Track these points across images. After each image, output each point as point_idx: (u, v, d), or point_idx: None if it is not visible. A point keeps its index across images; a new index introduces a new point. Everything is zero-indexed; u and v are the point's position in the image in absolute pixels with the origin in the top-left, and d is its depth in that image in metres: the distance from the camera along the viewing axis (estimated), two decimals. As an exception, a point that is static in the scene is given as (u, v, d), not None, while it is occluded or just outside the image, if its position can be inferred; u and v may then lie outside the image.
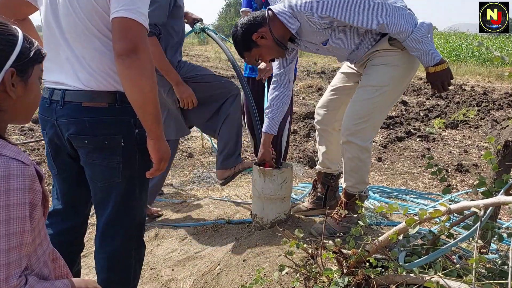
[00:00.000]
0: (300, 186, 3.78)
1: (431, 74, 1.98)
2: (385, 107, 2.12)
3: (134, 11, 1.32)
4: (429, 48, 1.91)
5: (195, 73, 2.69)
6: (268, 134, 2.40)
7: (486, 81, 14.04)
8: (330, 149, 2.50)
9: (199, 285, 2.09)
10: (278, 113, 2.39)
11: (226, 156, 2.71)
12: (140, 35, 1.33)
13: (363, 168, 2.16)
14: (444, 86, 2.00)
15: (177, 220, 2.96)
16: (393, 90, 2.08)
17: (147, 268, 2.44)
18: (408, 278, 1.47)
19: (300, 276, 1.74)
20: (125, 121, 1.51)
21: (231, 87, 2.71)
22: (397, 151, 5.71)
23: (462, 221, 1.63)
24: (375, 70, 2.07)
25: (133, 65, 1.33)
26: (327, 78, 14.27)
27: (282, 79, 2.38)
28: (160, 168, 1.53)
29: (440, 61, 1.94)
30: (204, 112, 2.76)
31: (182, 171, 4.70)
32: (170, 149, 1.54)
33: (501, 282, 1.38)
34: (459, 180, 4.53)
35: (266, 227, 2.32)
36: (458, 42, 21.31)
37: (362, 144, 2.09)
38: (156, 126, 1.44)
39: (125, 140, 1.51)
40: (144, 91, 1.36)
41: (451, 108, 8.61)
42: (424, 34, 1.89)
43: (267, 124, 2.40)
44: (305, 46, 2.22)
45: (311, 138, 6.25)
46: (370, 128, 2.11)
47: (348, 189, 2.22)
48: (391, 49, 2.04)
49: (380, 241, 1.61)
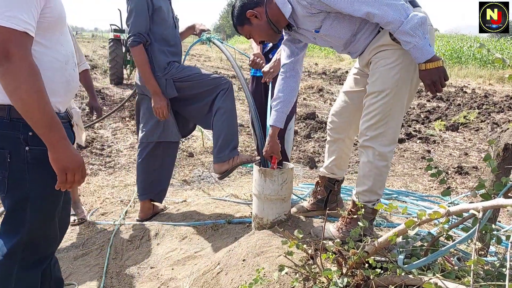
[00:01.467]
0: (300, 186, 3.79)
1: (421, 72, 1.88)
2: (399, 109, 2.03)
3: (0, 15, 1.26)
4: (420, 42, 1.80)
5: (184, 74, 2.76)
6: (275, 127, 2.35)
7: (487, 84, 14.04)
8: (341, 157, 2.44)
9: (199, 284, 2.10)
10: (285, 105, 2.33)
11: (220, 149, 2.73)
12: (9, 40, 1.26)
13: (377, 177, 2.07)
14: (437, 86, 1.87)
15: (177, 219, 2.97)
16: (402, 91, 1.99)
17: (147, 267, 2.45)
18: (406, 279, 1.48)
19: (300, 276, 1.74)
20: (13, 137, 1.45)
21: (220, 81, 2.74)
22: (397, 152, 5.71)
23: (461, 223, 1.63)
24: (379, 75, 2.00)
25: (7, 72, 1.27)
26: (328, 79, 14.28)
27: (291, 69, 2.33)
28: (68, 180, 1.42)
29: (432, 58, 1.82)
30: (199, 109, 2.82)
31: (183, 171, 4.71)
32: (78, 157, 1.43)
33: (499, 284, 1.38)
34: (459, 182, 4.54)
35: (266, 227, 2.33)
36: (459, 44, 21.29)
37: (379, 149, 2.03)
38: (48, 132, 1.35)
39: (11, 156, 1.45)
40: (23, 98, 1.29)
41: (452, 110, 8.62)
42: (415, 26, 1.79)
43: (274, 117, 2.34)
44: (303, 35, 2.18)
45: (311, 139, 6.26)
46: (389, 132, 2.03)
47: (357, 195, 2.15)
48: (393, 46, 1.95)
49: (380, 243, 1.61)
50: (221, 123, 2.71)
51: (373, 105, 2.02)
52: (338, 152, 2.43)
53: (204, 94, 2.76)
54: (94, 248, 2.79)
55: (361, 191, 2.13)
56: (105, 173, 4.52)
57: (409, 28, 1.79)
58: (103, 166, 4.72)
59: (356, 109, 2.27)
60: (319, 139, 6.25)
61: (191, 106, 2.84)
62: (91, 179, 4.27)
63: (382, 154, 2.04)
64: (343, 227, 2.18)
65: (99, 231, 3.04)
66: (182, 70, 2.77)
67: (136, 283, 2.34)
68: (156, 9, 2.65)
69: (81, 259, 2.69)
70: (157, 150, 2.97)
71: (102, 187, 4.07)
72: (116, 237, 2.86)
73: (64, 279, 2.46)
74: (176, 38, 2.86)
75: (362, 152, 2.11)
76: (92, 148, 5.34)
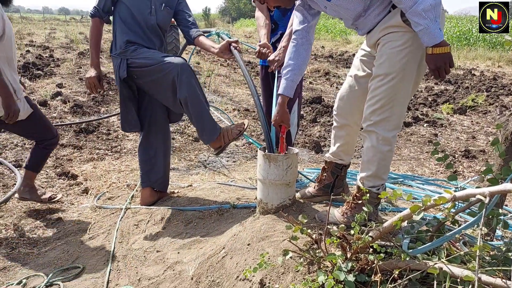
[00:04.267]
0: (306, 171, 3.78)
1: (428, 56, 1.85)
2: (404, 94, 2.00)
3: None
4: (431, 26, 1.77)
5: (138, 60, 2.72)
6: (285, 96, 2.31)
7: (496, 66, 13.84)
8: (348, 143, 2.41)
9: (204, 268, 2.12)
10: (295, 73, 2.27)
11: (201, 134, 2.80)
12: None
13: (381, 162, 2.06)
14: (441, 72, 1.85)
15: (183, 204, 2.98)
16: (408, 75, 1.96)
17: (153, 251, 2.47)
18: (411, 264, 1.47)
19: (304, 260, 1.75)
20: None
21: (170, 66, 2.63)
22: (404, 136, 5.67)
23: (467, 208, 1.62)
24: (386, 57, 1.97)
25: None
26: (334, 62, 14.14)
27: (302, 36, 2.27)
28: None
29: (441, 43, 1.79)
30: (164, 96, 2.80)
31: (188, 155, 4.72)
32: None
33: (505, 269, 1.38)
34: (466, 166, 4.51)
35: (271, 212, 2.33)
36: (468, 26, 20.91)
37: (383, 134, 2.01)
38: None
39: None
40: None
41: (460, 93, 8.51)
42: (427, 8, 1.75)
43: (284, 86, 2.28)
44: (314, 2, 2.14)
45: (317, 123, 6.23)
46: (393, 117, 2.01)
47: (361, 180, 2.14)
48: (403, 28, 1.91)
49: (384, 227, 1.61)
50: (190, 114, 2.72)
51: (379, 88, 2.00)
52: (345, 137, 2.41)
53: (159, 80, 2.71)
54: (100, 232, 2.82)
55: (366, 176, 2.11)
56: (112, 157, 4.54)
57: (422, 10, 1.75)
58: (109, 151, 4.74)
59: (363, 93, 2.22)
60: (325, 123, 6.22)
61: (158, 93, 2.85)
62: (98, 164, 4.30)
63: (386, 139, 2.03)
64: (348, 212, 2.17)
65: (106, 215, 3.07)
66: (137, 54, 2.73)
67: (142, 266, 2.36)
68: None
69: (88, 242, 2.72)
70: (148, 139, 3.03)
71: (108, 171, 4.09)
72: (123, 221, 2.88)
73: (71, 262, 2.50)
74: (149, 23, 2.81)
75: (365, 137, 2.10)
76: (98, 133, 5.35)
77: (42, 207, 3.26)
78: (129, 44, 2.75)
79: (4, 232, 2.89)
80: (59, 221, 3.08)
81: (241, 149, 5.10)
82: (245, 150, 5.04)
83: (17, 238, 2.83)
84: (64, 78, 8.40)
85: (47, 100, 6.47)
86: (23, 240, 2.82)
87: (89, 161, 4.38)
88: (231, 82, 9.93)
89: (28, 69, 8.81)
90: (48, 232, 2.93)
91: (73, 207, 3.32)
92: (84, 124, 5.45)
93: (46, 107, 6.29)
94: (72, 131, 5.28)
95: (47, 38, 17.28)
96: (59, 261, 2.53)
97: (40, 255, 2.63)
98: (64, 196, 3.49)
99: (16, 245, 2.74)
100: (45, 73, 8.65)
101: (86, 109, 6.27)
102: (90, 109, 6.27)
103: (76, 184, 3.75)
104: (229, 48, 2.77)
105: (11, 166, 3.98)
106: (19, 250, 2.68)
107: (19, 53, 11.13)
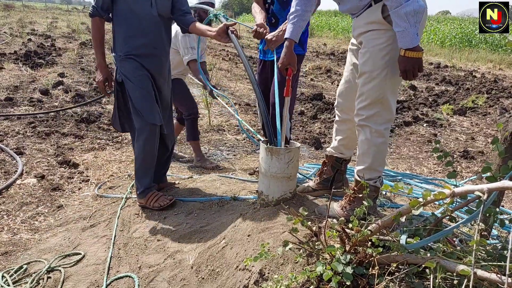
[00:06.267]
0: (305, 166, 3.81)
1: (400, 57, 1.93)
2: (391, 88, 2.08)
3: None
4: (410, 30, 1.85)
5: (129, 83, 2.74)
6: (291, 40, 2.33)
7: (498, 68, 13.85)
8: (349, 137, 2.47)
9: (204, 257, 2.15)
10: (301, 19, 2.30)
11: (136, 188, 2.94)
12: None
13: (376, 154, 2.13)
14: (408, 74, 1.93)
15: (184, 195, 3.01)
16: (392, 71, 2.03)
17: (154, 240, 2.50)
18: (408, 257, 1.51)
19: (303, 252, 1.78)
20: None
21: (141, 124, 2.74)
22: (404, 135, 5.70)
23: (465, 205, 1.64)
24: (369, 55, 2.05)
25: None
26: (336, 60, 14.14)
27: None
28: None
29: (415, 48, 1.87)
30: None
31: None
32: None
33: (500, 265, 1.41)
34: (465, 166, 4.54)
35: (272, 204, 2.36)
36: (470, 28, 20.90)
37: (375, 127, 2.09)
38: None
39: None
40: None
41: (460, 95, 8.53)
42: (410, 13, 1.83)
43: (291, 30, 2.30)
44: None
45: (318, 120, 6.25)
46: (384, 112, 2.09)
47: (358, 173, 2.20)
48: (384, 25, 1.98)
49: (383, 221, 1.64)
50: (135, 162, 2.89)
51: (366, 85, 2.08)
52: (346, 132, 2.46)
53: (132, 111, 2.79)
54: (102, 220, 2.85)
55: (361, 169, 2.17)
56: (113, 147, 4.57)
57: (404, 13, 1.84)
58: (110, 141, 4.76)
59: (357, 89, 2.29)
60: (325, 120, 6.24)
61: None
62: (99, 154, 4.32)
63: (378, 131, 2.10)
64: (347, 205, 2.21)
65: (107, 204, 3.09)
66: (133, 78, 2.74)
67: (143, 254, 2.39)
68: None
69: (89, 230, 2.75)
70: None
71: (109, 161, 4.11)
72: (124, 210, 2.91)
73: (72, 249, 2.53)
74: (150, 15, 2.76)
75: (359, 130, 2.17)
76: (99, 123, 5.37)
77: (43, 194, 3.29)
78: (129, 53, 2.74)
79: (6, 218, 2.92)
80: (61, 208, 3.11)
81: (242, 143, 5.12)
82: (245, 144, 5.06)
83: (19, 224, 2.85)
84: (66, 67, 8.40)
85: (49, 89, 6.47)
86: (24, 226, 2.84)
87: (90, 151, 4.40)
88: (233, 76, 9.94)
89: (29, 58, 8.80)
90: (49, 219, 2.96)
91: (74, 195, 3.35)
92: (85, 114, 5.47)
93: (47, 95, 6.30)
94: (74, 120, 5.29)
95: (49, 27, 17.23)
96: (60, 247, 2.56)
97: (42, 241, 2.65)
98: (65, 184, 3.51)
99: (18, 231, 2.77)
100: (46, 62, 8.65)
101: (88, 98, 6.28)
102: (91, 99, 6.28)
103: (78, 172, 3.78)
104: (226, 31, 2.71)
105: (13, 153, 4.00)
106: (21, 236, 2.71)
107: (20, 42, 11.11)
